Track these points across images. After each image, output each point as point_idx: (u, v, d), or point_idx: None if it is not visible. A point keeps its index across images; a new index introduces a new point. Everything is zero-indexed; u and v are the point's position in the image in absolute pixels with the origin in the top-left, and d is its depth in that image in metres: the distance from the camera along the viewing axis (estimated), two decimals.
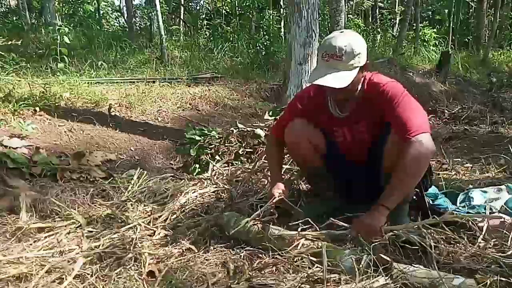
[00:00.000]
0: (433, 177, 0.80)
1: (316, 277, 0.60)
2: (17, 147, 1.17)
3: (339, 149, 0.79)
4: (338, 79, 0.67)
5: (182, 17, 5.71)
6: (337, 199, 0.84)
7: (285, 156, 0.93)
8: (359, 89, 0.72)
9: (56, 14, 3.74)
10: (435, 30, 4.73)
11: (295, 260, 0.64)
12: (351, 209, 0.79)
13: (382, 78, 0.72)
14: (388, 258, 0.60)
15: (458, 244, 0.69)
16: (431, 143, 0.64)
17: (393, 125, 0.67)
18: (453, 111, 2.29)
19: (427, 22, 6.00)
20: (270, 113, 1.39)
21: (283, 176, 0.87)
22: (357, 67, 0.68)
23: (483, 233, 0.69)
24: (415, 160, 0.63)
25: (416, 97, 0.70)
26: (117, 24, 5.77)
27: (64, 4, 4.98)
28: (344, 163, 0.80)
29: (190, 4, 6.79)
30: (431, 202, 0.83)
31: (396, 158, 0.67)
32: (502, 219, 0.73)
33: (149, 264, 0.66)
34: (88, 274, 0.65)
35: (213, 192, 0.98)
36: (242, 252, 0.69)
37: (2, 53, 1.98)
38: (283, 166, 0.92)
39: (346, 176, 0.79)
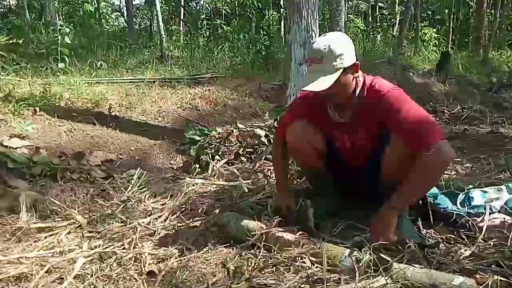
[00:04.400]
0: None
1: (316, 277, 0.60)
2: (17, 147, 1.17)
3: (339, 153, 0.79)
4: (319, 83, 0.66)
5: (182, 17, 5.71)
6: (337, 200, 0.84)
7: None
8: (357, 94, 0.70)
9: (56, 14, 3.73)
10: (435, 30, 4.74)
11: (295, 260, 0.64)
12: (351, 209, 0.80)
13: (383, 84, 0.69)
14: (388, 258, 0.60)
15: (458, 244, 0.69)
16: (450, 149, 0.61)
17: (404, 138, 0.64)
18: (453, 111, 2.28)
19: (427, 22, 6.00)
20: (270, 113, 1.39)
21: (289, 181, 0.87)
22: (340, 68, 0.66)
23: (483, 233, 0.69)
24: (432, 166, 0.60)
25: (416, 97, 0.68)
26: (117, 24, 5.77)
27: (64, 4, 4.98)
28: (344, 165, 0.79)
29: (190, 4, 6.79)
30: (431, 202, 0.83)
31: (396, 167, 0.65)
32: (502, 219, 0.73)
33: (149, 264, 0.66)
34: (88, 274, 0.65)
35: (213, 192, 0.98)
36: (242, 252, 0.69)
37: (2, 53, 1.98)
38: (290, 166, 0.92)
39: (347, 178, 0.79)
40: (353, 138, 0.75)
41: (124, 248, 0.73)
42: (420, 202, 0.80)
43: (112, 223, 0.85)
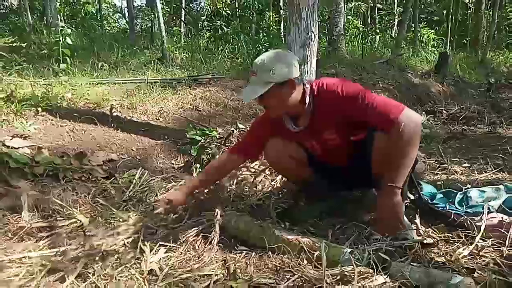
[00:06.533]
0: (429, 175, 0.81)
1: (315, 277, 0.60)
2: (19, 147, 1.17)
3: (317, 159, 0.79)
4: (248, 93, 0.69)
5: (183, 18, 5.74)
6: (333, 197, 0.84)
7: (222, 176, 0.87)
8: (307, 102, 0.71)
9: (58, 15, 3.75)
10: (433, 31, 4.77)
11: (295, 259, 0.64)
12: (349, 207, 0.81)
13: (330, 82, 0.71)
14: (387, 257, 0.60)
15: (456, 243, 0.69)
16: (414, 114, 0.65)
17: (372, 122, 0.66)
18: (451, 112, 2.30)
19: (426, 23, 6.03)
20: None
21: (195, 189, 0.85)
22: (270, 82, 0.67)
23: (481, 232, 0.69)
24: (408, 136, 0.62)
25: (414, 98, 0.69)
26: (118, 25, 5.80)
27: (65, 5, 5.01)
28: (328, 167, 0.80)
29: (190, 5, 6.84)
30: (429, 202, 0.83)
31: (384, 159, 0.66)
32: (500, 218, 0.74)
33: (150, 263, 0.67)
34: (90, 273, 0.65)
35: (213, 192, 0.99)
36: (243, 252, 0.69)
37: (4, 54, 1.99)
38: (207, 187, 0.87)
39: (336, 177, 0.79)
40: (321, 141, 0.75)
41: (125, 247, 0.73)
42: (418, 196, 0.80)
43: (114, 222, 0.85)
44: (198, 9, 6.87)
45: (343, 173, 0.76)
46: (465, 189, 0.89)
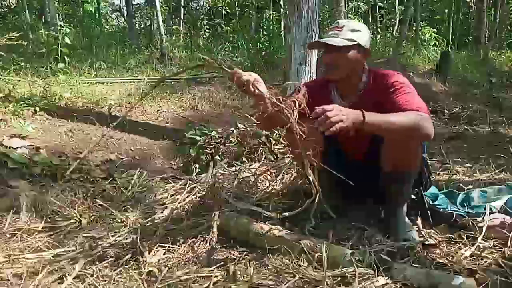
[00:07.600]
0: (432, 176, 0.81)
1: (316, 278, 0.60)
2: (17, 147, 1.17)
3: (339, 144, 0.79)
4: (332, 41, 0.71)
5: (182, 17, 5.71)
6: (338, 199, 0.84)
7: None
8: (363, 79, 0.73)
9: (56, 14, 3.73)
10: (435, 30, 4.75)
11: (295, 260, 0.64)
12: (353, 209, 0.80)
13: (388, 72, 0.75)
14: (388, 259, 0.60)
15: (458, 244, 0.69)
16: (431, 122, 0.64)
17: (393, 107, 0.67)
18: (453, 111, 2.30)
19: (427, 22, 6.01)
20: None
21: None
22: (355, 41, 0.70)
23: (483, 233, 0.69)
24: (413, 118, 0.63)
25: None
26: (117, 24, 5.77)
27: (64, 4, 4.99)
28: (342, 159, 0.80)
29: (190, 4, 6.80)
30: (431, 203, 0.83)
31: (393, 158, 0.67)
32: (502, 219, 0.73)
33: (149, 264, 0.66)
34: (88, 274, 0.65)
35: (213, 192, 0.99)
36: (242, 253, 0.69)
37: (2, 53, 1.97)
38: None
39: (345, 174, 0.77)
40: None
41: (124, 248, 0.73)
42: (414, 198, 0.80)
43: (112, 223, 0.85)
44: (197, 7, 6.83)
45: (355, 173, 0.73)
46: (467, 189, 0.88)
